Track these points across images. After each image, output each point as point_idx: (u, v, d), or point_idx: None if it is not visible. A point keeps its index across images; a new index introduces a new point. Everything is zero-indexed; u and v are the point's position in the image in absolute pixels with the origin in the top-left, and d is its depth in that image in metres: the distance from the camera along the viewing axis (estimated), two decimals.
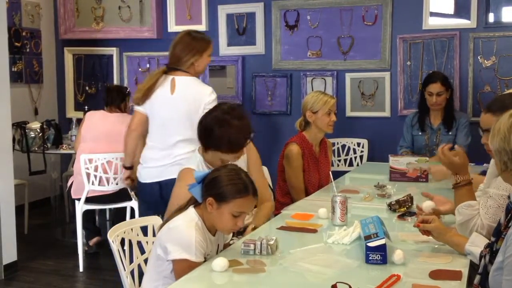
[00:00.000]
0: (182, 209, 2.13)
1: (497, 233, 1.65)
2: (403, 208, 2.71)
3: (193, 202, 2.13)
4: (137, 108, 3.23)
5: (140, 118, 3.22)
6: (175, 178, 2.59)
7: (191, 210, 2.11)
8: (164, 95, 3.14)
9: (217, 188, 2.05)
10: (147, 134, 3.24)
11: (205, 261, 2.02)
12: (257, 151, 2.87)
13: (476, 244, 1.93)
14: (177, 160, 3.06)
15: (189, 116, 3.07)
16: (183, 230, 2.02)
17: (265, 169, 3.20)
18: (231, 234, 2.31)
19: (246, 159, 2.77)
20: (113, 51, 5.73)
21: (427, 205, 2.48)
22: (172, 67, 3.21)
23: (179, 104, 3.13)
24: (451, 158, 2.24)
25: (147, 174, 3.18)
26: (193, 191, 2.10)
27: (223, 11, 5.30)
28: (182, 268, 1.96)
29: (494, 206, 2.09)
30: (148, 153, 3.20)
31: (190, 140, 3.01)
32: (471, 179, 2.25)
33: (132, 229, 2.37)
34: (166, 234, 2.06)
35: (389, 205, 2.76)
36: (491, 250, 1.65)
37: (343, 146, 5.01)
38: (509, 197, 1.63)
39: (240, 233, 2.71)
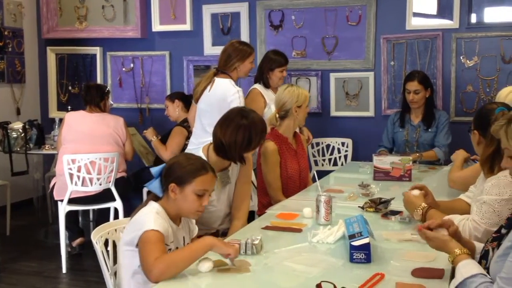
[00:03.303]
0: (142, 206, 2.16)
1: (510, 225, 1.65)
2: (371, 208, 2.73)
3: (151, 198, 2.16)
4: (194, 104, 3.97)
5: (193, 115, 3.95)
6: None
7: (151, 203, 2.14)
8: (205, 92, 3.80)
9: (176, 172, 2.10)
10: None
11: (169, 249, 2.02)
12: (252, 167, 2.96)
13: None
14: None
15: (219, 109, 3.49)
16: (141, 216, 2.06)
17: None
18: (197, 228, 2.32)
19: (239, 168, 2.82)
20: (96, 50, 5.69)
21: (415, 193, 2.50)
22: (219, 70, 3.84)
23: (212, 99, 3.74)
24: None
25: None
26: (152, 187, 2.14)
27: (207, 10, 5.29)
28: (144, 242, 1.94)
29: (489, 211, 2.13)
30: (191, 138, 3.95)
31: None
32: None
33: (116, 230, 2.36)
34: (127, 228, 2.09)
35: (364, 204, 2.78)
36: (499, 244, 1.65)
37: (328, 146, 5.03)
38: None
39: (224, 234, 2.72)
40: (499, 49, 4.51)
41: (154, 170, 2.16)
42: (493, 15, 4.60)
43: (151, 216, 2.03)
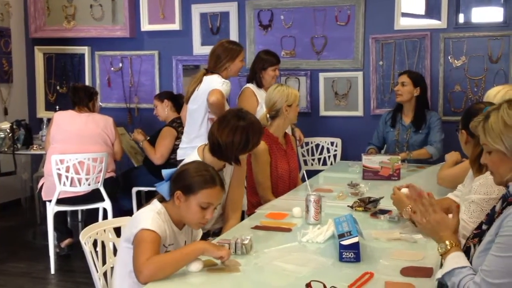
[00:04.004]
0: (146, 204, 2.15)
1: (490, 221, 1.67)
2: (360, 208, 2.74)
3: (158, 197, 2.15)
4: (185, 105, 4.02)
5: (185, 113, 4.00)
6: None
7: (155, 202, 2.13)
8: (195, 92, 3.80)
9: (184, 180, 2.07)
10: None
11: (166, 250, 2.02)
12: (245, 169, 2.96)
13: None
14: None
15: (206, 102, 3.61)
16: (141, 214, 2.06)
17: None
18: (201, 233, 2.31)
19: (232, 169, 2.82)
20: (84, 50, 5.66)
21: (404, 191, 2.51)
22: (209, 70, 3.83)
23: (199, 94, 3.75)
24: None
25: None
26: (161, 189, 2.12)
27: (196, 10, 5.28)
28: (138, 241, 1.94)
29: (478, 210, 2.14)
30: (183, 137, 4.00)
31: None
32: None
33: (104, 230, 2.35)
34: (128, 224, 2.08)
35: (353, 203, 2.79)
36: (480, 240, 1.67)
37: (317, 145, 5.04)
38: (507, 187, 1.65)
39: (216, 234, 2.72)
40: (487, 49, 4.55)
41: (165, 172, 2.13)
42: (480, 15, 4.64)
43: (149, 215, 2.02)
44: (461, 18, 4.62)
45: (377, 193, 2.94)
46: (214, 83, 3.70)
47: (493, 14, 4.57)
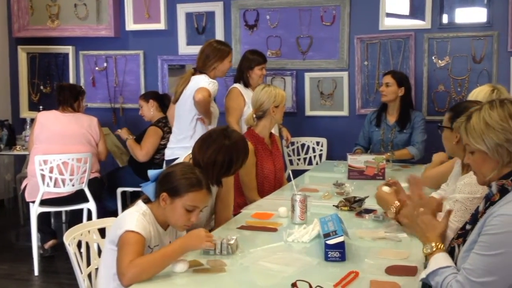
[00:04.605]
0: (131, 204, 2.14)
1: (474, 221, 1.69)
2: (346, 207, 2.75)
3: (143, 198, 2.14)
4: (172, 105, 4.03)
5: (172, 113, 4.02)
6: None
7: (140, 203, 2.12)
8: (183, 92, 3.81)
9: (170, 182, 2.06)
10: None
11: (151, 251, 2.01)
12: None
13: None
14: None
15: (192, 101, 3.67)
16: (125, 215, 2.05)
17: None
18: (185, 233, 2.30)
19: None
20: (69, 49, 5.60)
21: (385, 189, 2.52)
22: (197, 70, 3.84)
23: (187, 94, 3.77)
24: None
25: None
26: (146, 189, 2.11)
27: (182, 9, 5.26)
28: (122, 243, 1.93)
29: (462, 209, 2.16)
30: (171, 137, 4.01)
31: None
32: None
33: (89, 231, 2.33)
34: (113, 226, 2.07)
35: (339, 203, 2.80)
36: (464, 240, 1.68)
37: (303, 145, 5.05)
38: (490, 187, 1.67)
39: None
40: (470, 49, 4.59)
41: (151, 173, 2.12)
42: (464, 15, 4.67)
43: (134, 217, 2.00)
44: (445, 19, 4.66)
45: (362, 192, 2.96)
46: (201, 82, 3.71)
47: (477, 15, 4.62)
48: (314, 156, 5.02)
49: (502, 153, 1.60)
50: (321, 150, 5.00)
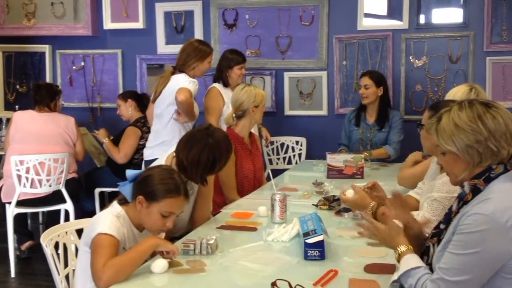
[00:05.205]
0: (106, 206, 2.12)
1: (448, 220, 1.70)
2: (325, 206, 2.77)
3: (119, 199, 2.12)
4: (151, 104, 4.01)
5: (151, 112, 4.00)
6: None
7: (115, 204, 2.10)
8: (163, 92, 3.83)
9: (148, 186, 2.04)
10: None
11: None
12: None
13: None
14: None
15: (172, 100, 3.70)
16: (99, 217, 2.04)
17: None
18: (162, 236, 2.28)
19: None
20: (45, 48, 5.52)
21: (349, 193, 2.53)
22: (177, 68, 3.86)
23: (166, 93, 3.79)
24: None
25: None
26: (124, 189, 2.09)
27: (160, 8, 5.23)
28: (95, 246, 1.91)
29: (440, 207, 2.19)
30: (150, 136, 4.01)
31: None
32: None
33: (66, 232, 2.31)
34: (87, 228, 2.05)
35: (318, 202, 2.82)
36: (439, 239, 1.70)
37: (282, 145, 5.06)
38: (463, 186, 1.69)
39: (178, 238, 2.68)
40: (447, 49, 4.65)
41: (130, 173, 2.10)
42: (440, 16, 4.73)
43: (107, 219, 1.98)
44: (422, 19, 4.71)
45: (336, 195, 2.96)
46: (181, 82, 3.71)
47: (453, 15, 4.68)
48: (294, 156, 5.04)
49: (472, 154, 1.61)
50: (300, 150, 5.02)
